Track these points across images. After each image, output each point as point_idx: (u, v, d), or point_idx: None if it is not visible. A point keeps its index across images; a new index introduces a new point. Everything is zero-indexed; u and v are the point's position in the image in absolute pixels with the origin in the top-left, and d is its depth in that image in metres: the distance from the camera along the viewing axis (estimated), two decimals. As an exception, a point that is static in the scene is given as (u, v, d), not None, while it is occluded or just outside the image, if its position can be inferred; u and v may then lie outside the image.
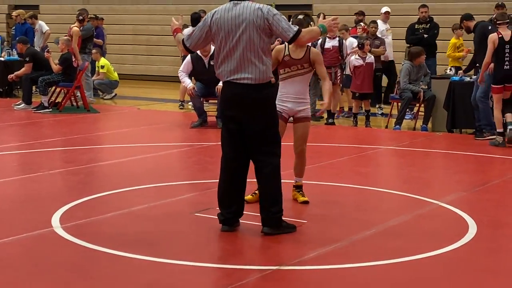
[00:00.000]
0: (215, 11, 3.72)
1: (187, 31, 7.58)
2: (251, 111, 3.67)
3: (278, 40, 6.71)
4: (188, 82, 8.10)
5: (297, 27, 3.67)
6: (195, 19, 9.01)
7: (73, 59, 9.35)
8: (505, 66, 6.70)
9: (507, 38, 6.69)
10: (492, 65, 6.67)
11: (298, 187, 4.51)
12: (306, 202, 4.45)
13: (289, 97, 4.39)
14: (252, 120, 3.68)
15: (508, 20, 7.05)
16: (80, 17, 9.83)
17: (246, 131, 3.74)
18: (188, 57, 8.04)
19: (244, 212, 3.90)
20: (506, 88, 6.73)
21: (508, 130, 6.78)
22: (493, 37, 6.65)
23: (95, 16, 11.01)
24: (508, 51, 6.73)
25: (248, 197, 4.25)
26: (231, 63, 3.67)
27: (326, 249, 3.62)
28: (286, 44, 4.20)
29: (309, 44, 4.54)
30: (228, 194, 3.83)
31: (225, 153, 3.80)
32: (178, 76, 8.69)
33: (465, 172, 6.33)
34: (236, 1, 3.64)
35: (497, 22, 6.97)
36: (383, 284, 3.07)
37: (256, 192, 4.19)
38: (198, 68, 7.95)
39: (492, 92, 6.83)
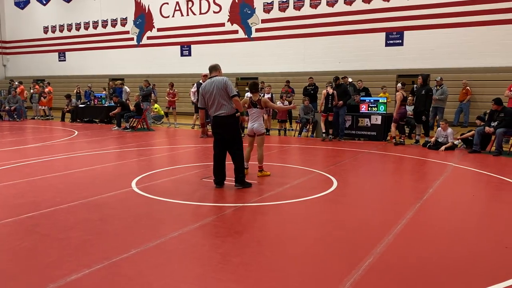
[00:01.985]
0: (203, 85, 6.06)
1: (194, 89, 13.20)
2: (226, 129, 6.04)
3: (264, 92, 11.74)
4: (194, 98, 12.70)
5: (236, 92, 5.98)
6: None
7: (141, 104, 14.82)
8: (329, 104, 11.69)
9: (330, 92, 11.60)
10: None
11: (260, 169, 6.99)
12: (264, 176, 6.91)
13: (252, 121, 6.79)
14: (227, 134, 6.08)
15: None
16: (143, 84, 15.65)
17: (225, 139, 6.08)
18: (195, 84, 12.83)
19: (232, 178, 6.21)
20: (330, 114, 11.74)
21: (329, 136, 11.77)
22: (324, 92, 11.73)
23: (153, 84, 16.98)
24: (330, 98, 11.66)
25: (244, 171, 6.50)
26: (214, 106, 5.99)
27: (266, 195, 5.77)
28: (251, 96, 6.80)
29: (261, 94, 7.92)
30: (216, 170, 6.18)
31: (215, 150, 6.19)
32: (191, 112, 14.57)
33: (330, 156, 9.45)
34: (212, 78, 6.03)
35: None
36: (293, 210, 5.18)
37: (247, 167, 6.83)
38: (199, 88, 11.99)
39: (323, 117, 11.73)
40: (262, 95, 13.03)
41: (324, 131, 11.90)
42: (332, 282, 3.28)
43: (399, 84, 11.74)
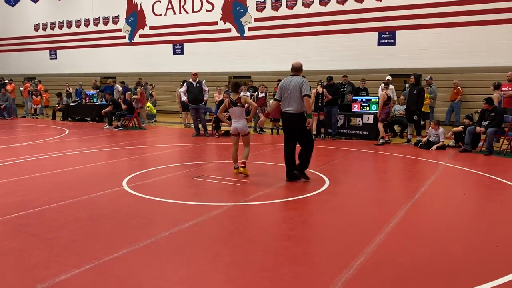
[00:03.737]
0: (283, 81, 6.62)
1: (183, 88, 12.92)
2: (293, 125, 6.60)
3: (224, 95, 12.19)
4: (184, 98, 12.64)
5: (309, 92, 6.36)
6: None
7: (133, 103, 14.62)
8: (319, 103, 11.68)
9: (320, 91, 11.67)
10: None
11: (243, 165, 6.96)
12: (245, 175, 6.87)
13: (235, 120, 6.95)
14: (295, 130, 6.61)
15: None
16: (139, 83, 15.71)
17: (293, 135, 6.65)
18: (185, 83, 12.56)
19: (223, 178, 6.65)
20: (320, 114, 11.85)
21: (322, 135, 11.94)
22: (314, 91, 11.54)
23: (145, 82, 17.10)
24: (320, 97, 11.70)
25: (235, 171, 6.98)
26: (286, 102, 6.53)
27: (258, 194, 5.83)
28: (231, 96, 7.04)
29: (242, 93, 8.30)
30: (287, 163, 6.71)
31: (285, 145, 6.76)
32: (181, 111, 14.47)
33: (322, 155, 9.30)
34: (292, 76, 6.56)
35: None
36: (285, 209, 5.21)
37: (237, 167, 6.98)
38: (190, 87, 12.28)
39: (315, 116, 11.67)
40: (256, 93, 13.27)
41: (314, 132, 11.90)
42: (323, 282, 3.27)
43: (382, 84, 11.79)
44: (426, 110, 13.10)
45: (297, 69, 6.68)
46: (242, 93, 7.57)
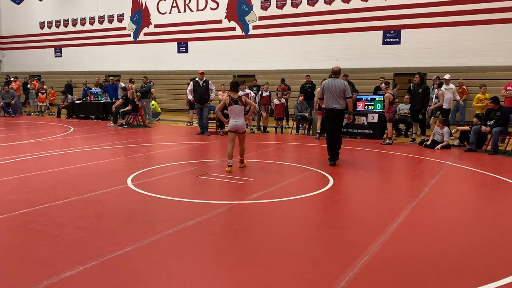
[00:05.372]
0: (327, 82, 7.97)
1: (190, 87, 12.74)
2: (337, 119, 7.99)
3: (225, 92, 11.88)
4: (190, 97, 12.49)
5: (351, 95, 7.96)
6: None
7: (136, 101, 14.65)
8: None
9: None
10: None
11: (242, 161, 7.51)
12: (244, 166, 7.44)
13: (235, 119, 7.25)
14: (337, 122, 8.00)
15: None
16: (142, 81, 15.88)
17: (334, 124, 8.00)
18: (191, 82, 12.56)
19: (228, 176, 6.75)
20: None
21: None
22: (318, 90, 11.76)
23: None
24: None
25: (228, 168, 7.08)
26: (330, 101, 7.88)
27: (262, 192, 5.84)
28: (231, 95, 7.21)
29: (241, 92, 8.80)
30: (331, 152, 7.99)
31: (327, 134, 8.21)
32: (188, 108, 14.48)
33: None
34: (334, 78, 7.95)
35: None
36: (289, 208, 5.19)
37: (231, 165, 7.10)
38: (196, 86, 12.30)
39: (319, 115, 11.57)
40: (260, 92, 13.24)
41: (318, 131, 11.88)
42: (327, 280, 3.27)
43: (383, 84, 11.70)
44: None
45: (337, 72, 7.94)
46: (240, 92, 7.79)
